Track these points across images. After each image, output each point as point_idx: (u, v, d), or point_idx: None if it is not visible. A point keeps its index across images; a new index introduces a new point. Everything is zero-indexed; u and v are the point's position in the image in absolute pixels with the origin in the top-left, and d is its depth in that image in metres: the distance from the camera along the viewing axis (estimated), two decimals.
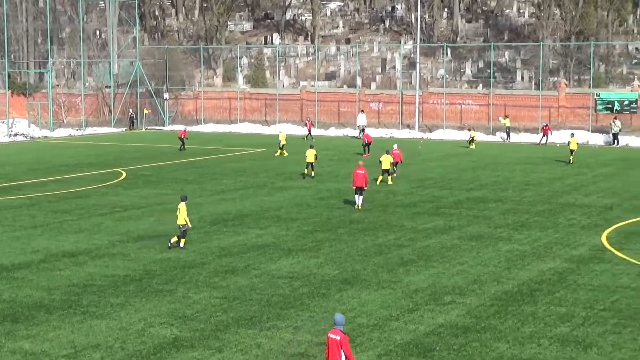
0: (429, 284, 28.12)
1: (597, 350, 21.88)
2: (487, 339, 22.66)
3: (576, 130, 78.39)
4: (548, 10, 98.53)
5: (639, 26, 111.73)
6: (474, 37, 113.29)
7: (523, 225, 38.28)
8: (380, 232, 36.75)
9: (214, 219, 39.64)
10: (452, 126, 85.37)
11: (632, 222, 39.07)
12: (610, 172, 56.51)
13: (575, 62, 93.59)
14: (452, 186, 49.93)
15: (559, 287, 27.84)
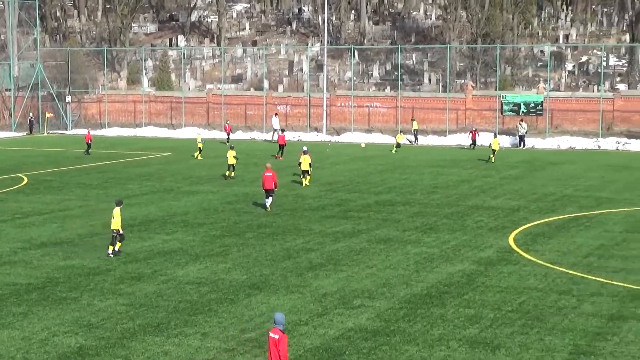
0: (338, 288, 28.26)
1: (505, 351, 22.24)
2: (397, 342, 22.86)
3: (483, 132, 79.56)
4: (454, 12, 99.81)
5: (544, 29, 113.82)
6: (382, 40, 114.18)
7: (431, 228, 38.70)
8: (288, 236, 36.80)
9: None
10: (360, 129, 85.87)
11: (539, 223, 39.78)
12: (517, 174, 57.44)
13: (482, 64, 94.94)
14: (360, 189, 50.24)
15: (468, 289, 28.21)
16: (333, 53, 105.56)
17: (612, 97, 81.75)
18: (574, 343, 22.81)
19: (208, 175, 56.23)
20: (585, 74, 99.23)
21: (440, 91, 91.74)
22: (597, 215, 41.92)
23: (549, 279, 29.47)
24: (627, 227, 38.74)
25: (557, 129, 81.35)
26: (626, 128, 79.86)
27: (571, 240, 36.04)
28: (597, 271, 30.59)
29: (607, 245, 34.92)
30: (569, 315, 25.20)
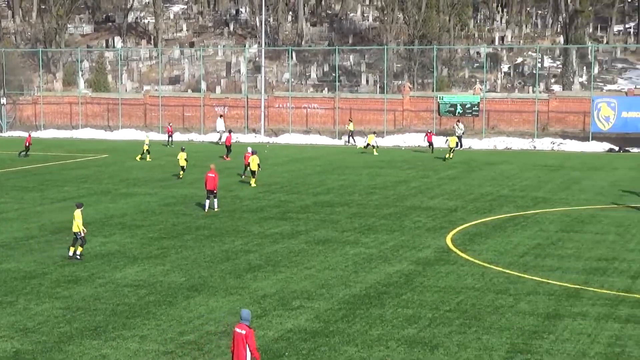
0: (277, 289, 28.24)
1: (443, 350, 22.38)
2: (336, 343, 22.90)
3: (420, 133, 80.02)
4: (392, 14, 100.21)
5: (480, 31, 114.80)
6: (319, 41, 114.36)
7: (370, 228, 38.82)
8: (227, 237, 36.70)
9: (55, 227, 38.82)
10: (298, 130, 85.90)
11: (476, 223, 40.10)
12: (454, 174, 57.85)
13: (419, 65, 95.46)
14: (299, 190, 50.26)
15: (406, 289, 28.35)
16: (271, 54, 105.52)
17: (547, 98, 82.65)
18: (511, 342, 23.03)
19: (146, 177, 55.87)
20: (520, 75, 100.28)
21: (377, 92, 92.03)
22: (533, 214, 42.37)
23: (486, 279, 29.73)
24: (562, 227, 39.19)
25: (494, 130, 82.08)
26: (561, 128, 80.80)
27: (508, 239, 36.38)
28: (533, 270, 30.92)
29: (543, 245, 35.31)
30: (506, 314, 25.44)
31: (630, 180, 54.92)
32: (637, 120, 75.25)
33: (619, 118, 75.86)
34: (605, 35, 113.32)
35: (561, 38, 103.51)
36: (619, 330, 24.03)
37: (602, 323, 24.64)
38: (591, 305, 26.38)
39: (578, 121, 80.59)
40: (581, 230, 38.38)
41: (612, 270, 30.92)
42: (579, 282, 29.17)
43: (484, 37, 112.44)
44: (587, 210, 43.55)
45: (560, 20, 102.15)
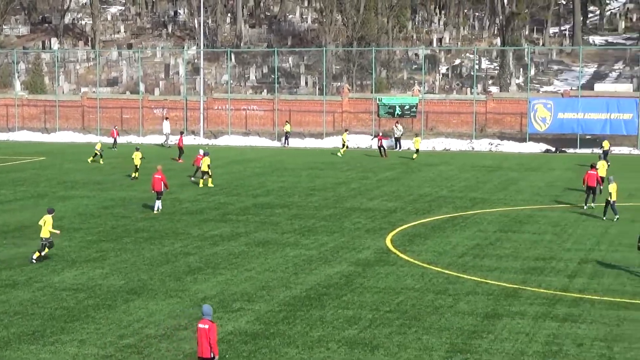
0: (217, 292, 28.17)
1: (383, 351, 22.48)
2: (277, 345, 22.90)
3: (360, 135, 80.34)
4: (330, 15, 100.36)
5: (418, 32, 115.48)
6: (258, 43, 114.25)
7: (310, 230, 38.86)
8: (166, 240, 36.52)
9: None
10: (238, 132, 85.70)
11: (415, 224, 40.32)
12: (393, 176, 58.09)
13: (358, 67, 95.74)
14: (238, 192, 50.15)
15: (346, 290, 28.42)
16: (209, 56, 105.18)
17: (485, 99, 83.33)
18: (451, 341, 23.20)
19: (84, 179, 55.38)
20: (458, 76, 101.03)
21: (317, 94, 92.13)
22: (471, 215, 42.71)
23: (426, 279, 29.91)
24: (500, 227, 39.56)
25: (432, 131, 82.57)
26: (499, 130, 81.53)
27: (447, 240, 36.63)
28: (472, 270, 31.17)
29: (481, 245, 35.61)
30: (446, 314, 25.62)
31: (566, 180, 55.58)
32: (572, 121, 76.15)
33: (555, 119, 76.69)
34: (541, 38, 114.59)
35: (498, 40, 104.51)
36: (556, 329, 24.32)
37: (539, 322, 24.91)
38: (529, 305, 26.66)
39: (515, 122, 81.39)
40: (519, 231, 38.77)
41: (550, 270, 31.28)
42: (517, 281, 29.47)
43: (422, 38, 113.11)
44: (525, 211, 44.00)
45: (497, 22, 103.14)
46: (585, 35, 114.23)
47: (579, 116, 75.96)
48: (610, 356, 22.17)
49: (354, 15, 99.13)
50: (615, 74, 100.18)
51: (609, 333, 23.97)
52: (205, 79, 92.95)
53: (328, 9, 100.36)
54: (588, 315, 25.66)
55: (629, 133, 75.52)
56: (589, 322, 24.99)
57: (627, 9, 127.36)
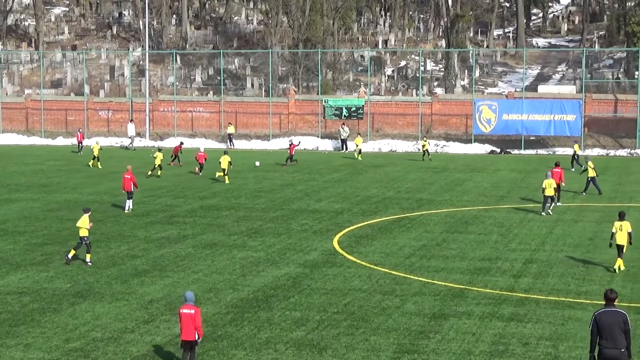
0: (164, 294, 28.03)
1: (331, 352, 22.51)
2: (224, 347, 22.84)
3: (306, 137, 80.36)
4: (276, 17, 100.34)
5: (364, 34, 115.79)
6: (204, 44, 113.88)
7: (257, 232, 38.81)
8: (112, 243, 36.26)
9: None
10: (184, 134, 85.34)
11: (362, 225, 40.42)
12: (340, 177, 58.22)
13: (304, 69, 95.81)
14: (185, 194, 49.95)
15: (294, 292, 28.42)
16: (155, 58, 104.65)
17: (430, 100, 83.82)
18: (398, 342, 23.29)
19: (28, 182, 54.84)
20: (404, 78, 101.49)
21: (263, 96, 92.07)
22: (418, 216, 42.91)
23: (373, 280, 29.99)
24: (447, 228, 39.79)
25: (378, 133, 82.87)
26: (444, 131, 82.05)
27: (393, 241, 36.77)
28: (419, 271, 31.31)
29: (428, 246, 35.79)
30: (393, 315, 25.71)
31: (511, 181, 56.08)
32: (517, 122, 76.87)
33: (500, 120, 77.38)
34: (486, 40, 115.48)
35: (443, 42, 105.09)
36: (502, 328, 24.51)
37: (486, 322, 25.09)
38: (475, 305, 26.85)
39: (460, 124, 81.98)
40: (465, 231, 39.02)
41: (495, 270, 31.52)
42: (464, 282, 29.66)
43: (368, 40, 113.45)
44: (471, 211, 44.31)
45: (442, 24, 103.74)
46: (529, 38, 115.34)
47: (523, 117, 76.71)
48: (556, 355, 22.39)
49: (299, 17, 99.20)
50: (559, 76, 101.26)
51: (554, 332, 24.20)
52: (150, 80, 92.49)
53: (274, 11, 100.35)
54: (533, 314, 25.89)
55: (573, 134, 76.35)
56: (534, 321, 25.21)
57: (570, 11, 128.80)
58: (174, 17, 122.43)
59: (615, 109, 79.77)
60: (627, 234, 30.97)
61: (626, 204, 46.50)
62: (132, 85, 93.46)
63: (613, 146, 77.01)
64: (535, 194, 50.17)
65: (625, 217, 31.70)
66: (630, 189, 51.75)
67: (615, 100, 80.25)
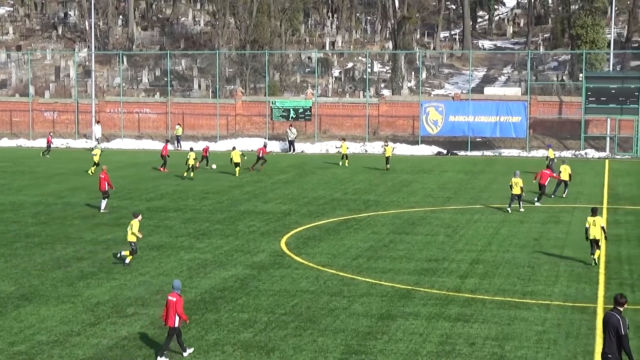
0: (110, 297, 27.83)
1: (279, 354, 22.49)
2: (172, 349, 22.71)
3: (254, 138, 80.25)
4: (223, 19, 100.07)
5: (311, 36, 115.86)
6: (150, 45, 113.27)
7: (204, 233, 38.68)
8: (58, 245, 35.94)
9: None
10: (130, 135, 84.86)
11: (309, 227, 40.44)
12: (287, 178, 58.19)
13: (251, 70, 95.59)
14: (132, 196, 49.65)
15: (241, 293, 28.36)
16: (101, 58, 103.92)
17: (377, 102, 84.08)
18: (346, 343, 23.32)
19: None
20: (351, 80, 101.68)
21: (210, 97, 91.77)
22: (365, 217, 43.02)
23: (321, 281, 30.02)
24: (393, 229, 39.92)
25: (326, 134, 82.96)
26: (391, 132, 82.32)
27: (341, 242, 36.82)
28: (366, 272, 31.39)
29: (375, 247, 35.89)
30: (341, 316, 25.74)
31: (457, 182, 56.42)
32: (463, 124, 77.36)
33: (446, 122, 77.81)
34: (432, 42, 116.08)
35: (390, 44, 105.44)
36: (449, 329, 24.64)
37: (433, 322, 25.22)
38: (422, 305, 26.97)
39: (407, 125, 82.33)
40: (412, 232, 39.19)
41: (442, 271, 31.69)
42: (411, 282, 29.78)
43: (315, 42, 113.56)
44: (418, 213, 44.50)
45: (389, 26, 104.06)
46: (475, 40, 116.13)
47: (469, 119, 77.23)
48: (502, 355, 22.56)
49: (246, 18, 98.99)
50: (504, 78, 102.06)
51: (500, 332, 24.38)
52: (96, 81, 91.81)
53: (221, 12, 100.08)
54: (480, 314, 26.06)
55: (518, 136, 77.06)
56: (480, 321, 25.38)
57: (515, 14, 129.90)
58: (121, 18, 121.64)
59: (560, 111, 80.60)
60: (600, 228, 32.22)
61: (571, 205, 47.02)
62: (78, 86, 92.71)
63: (558, 148, 77.68)
64: (480, 195, 50.59)
65: (597, 212, 32.97)
66: (575, 190, 52.28)
67: (559, 102, 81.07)
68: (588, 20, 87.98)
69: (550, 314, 26.23)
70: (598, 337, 23.92)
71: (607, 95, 74.16)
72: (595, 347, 23.04)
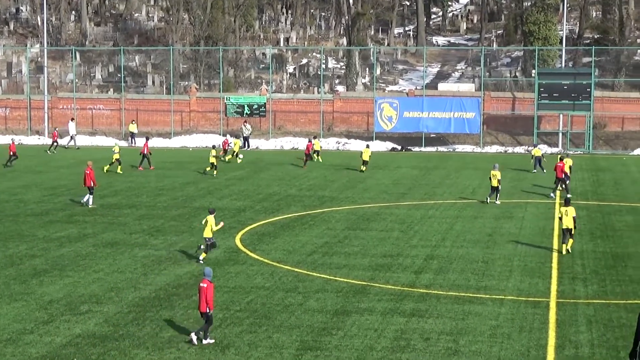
0: (64, 294, 27.64)
1: (234, 350, 22.47)
2: (126, 347, 22.63)
3: (209, 134, 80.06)
4: (177, 14, 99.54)
5: (265, 32, 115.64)
6: (104, 41, 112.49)
7: (158, 230, 38.53)
8: (10, 242, 35.62)
9: None
10: (84, 132, 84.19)
11: (264, 223, 40.42)
12: (242, 175, 58.09)
13: (205, 66, 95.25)
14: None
15: (196, 290, 28.22)
16: (54, 54, 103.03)
17: (332, 98, 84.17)
18: (301, 339, 23.35)
19: None
20: (305, 76, 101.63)
21: (164, 93, 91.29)
22: (320, 213, 43.07)
23: (276, 278, 30.03)
24: (348, 225, 40.01)
25: (280, 130, 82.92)
26: (346, 128, 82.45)
27: (296, 238, 36.85)
28: (321, 268, 31.44)
29: (330, 243, 35.95)
30: (296, 312, 25.77)
31: (412, 178, 56.65)
32: (417, 120, 77.66)
33: (400, 118, 78.09)
34: (387, 38, 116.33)
35: (344, 40, 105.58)
36: (404, 324, 24.75)
37: (388, 318, 25.31)
38: (377, 301, 27.06)
39: (362, 121, 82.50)
40: (367, 228, 39.29)
41: (397, 266, 31.81)
42: (366, 278, 29.86)
43: (270, 38, 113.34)
44: (372, 209, 44.63)
45: (343, 22, 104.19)
46: (429, 36, 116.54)
47: (423, 115, 77.58)
48: (456, 349, 22.70)
49: (200, 14, 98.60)
50: (458, 74, 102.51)
51: (454, 327, 24.53)
52: (49, 77, 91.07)
53: (174, 8, 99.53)
54: (434, 310, 26.20)
55: (472, 132, 77.53)
56: (435, 316, 25.52)
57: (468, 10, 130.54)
58: (73, 14, 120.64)
59: (513, 107, 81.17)
60: (572, 219, 33.58)
61: (524, 200, 47.39)
62: (30, 82, 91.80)
63: (511, 143, 78.34)
64: (434, 191, 50.83)
65: (569, 203, 34.49)
66: (527, 185, 52.68)
67: (513, 98, 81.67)
68: (540, 17, 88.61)
69: (503, 308, 26.44)
70: (551, 330, 24.21)
71: (559, 91, 74.82)
72: (548, 341, 23.29)
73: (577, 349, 22.78)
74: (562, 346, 22.99)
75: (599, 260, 33.14)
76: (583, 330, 24.39)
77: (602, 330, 24.37)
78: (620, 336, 23.80)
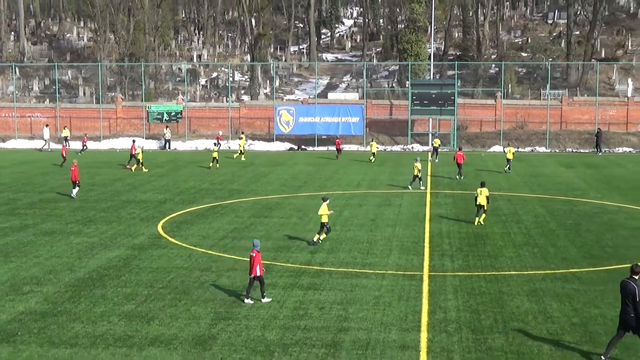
0: (8, 277, 27.05)
1: (158, 322, 22.29)
2: (64, 321, 22.27)
3: (134, 137, 78.98)
4: (104, 35, 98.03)
5: (181, 50, 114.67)
6: (40, 58, 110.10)
7: (91, 220, 37.93)
8: None
9: None
10: (24, 137, 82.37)
11: (182, 213, 40.12)
12: (163, 172, 57.53)
13: (130, 79, 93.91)
14: (26, 189, 48.25)
15: (125, 271, 27.97)
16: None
17: (238, 106, 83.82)
18: (215, 311, 23.29)
19: None
20: (216, 87, 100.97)
21: (94, 102, 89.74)
22: (230, 204, 42.91)
23: (193, 259, 29.85)
24: (254, 213, 39.95)
25: (195, 133, 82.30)
26: (250, 131, 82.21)
27: (209, 225, 36.66)
28: (231, 250, 31.35)
29: (239, 229, 35.86)
30: (210, 288, 25.68)
31: (307, 173, 56.78)
32: (311, 124, 77.95)
33: (297, 122, 78.22)
34: (284, 54, 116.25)
35: (248, 56, 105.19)
36: (302, 296, 24.85)
37: (288, 291, 25.38)
38: (279, 277, 27.11)
39: (264, 125, 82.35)
40: (269, 216, 39.28)
41: (296, 248, 31.89)
42: (269, 258, 29.86)
43: (184, 55, 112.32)
44: (274, 199, 44.62)
45: (247, 41, 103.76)
46: (320, 53, 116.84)
47: (316, 119, 77.87)
48: (346, 316, 22.89)
49: (124, 34, 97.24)
50: (345, 85, 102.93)
51: (344, 297, 24.71)
52: None
53: (102, 29, 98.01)
54: (327, 284, 26.36)
55: (356, 133, 78.11)
56: (328, 289, 25.67)
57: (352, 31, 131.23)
58: (12, 34, 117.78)
59: (391, 112, 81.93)
60: (485, 197, 35.88)
61: (401, 191, 47.91)
62: None
63: (389, 143, 79.12)
64: (326, 184, 51.06)
65: (485, 185, 36.45)
66: (403, 178, 53.31)
67: (390, 105, 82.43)
68: (412, 37, 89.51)
69: (385, 281, 26.72)
70: (424, 298, 24.57)
71: (428, 99, 75.88)
72: (422, 307, 23.62)
73: (446, 314, 23.17)
74: (434, 312, 23.37)
75: (463, 239, 33.71)
76: (450, 297, 24.81)
77: (466, 297, 24.84)
78: (480, 302, 24.29)
